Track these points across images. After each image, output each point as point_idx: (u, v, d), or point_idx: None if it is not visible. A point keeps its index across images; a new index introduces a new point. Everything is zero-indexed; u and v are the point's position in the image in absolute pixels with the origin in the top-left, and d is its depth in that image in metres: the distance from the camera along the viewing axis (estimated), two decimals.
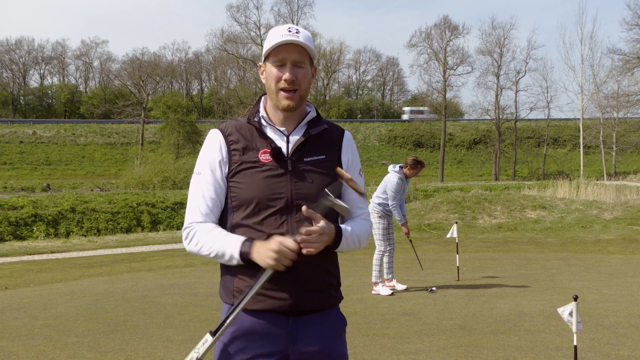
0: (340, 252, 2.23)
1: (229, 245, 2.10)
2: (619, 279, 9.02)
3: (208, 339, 2.06)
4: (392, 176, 8.30)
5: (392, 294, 8.12)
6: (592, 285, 8.50)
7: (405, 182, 8.39)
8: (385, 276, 8.41)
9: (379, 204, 8.31)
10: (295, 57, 2.15)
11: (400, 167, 8.40)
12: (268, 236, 2.10)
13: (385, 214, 8.32)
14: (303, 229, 2.02)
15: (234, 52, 61.15)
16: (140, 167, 41.22)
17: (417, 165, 8.35)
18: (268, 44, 2.16)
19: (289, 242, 2.01)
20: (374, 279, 8.31)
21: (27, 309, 7.51)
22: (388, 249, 8.35)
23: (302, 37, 2.15)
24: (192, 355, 2.07)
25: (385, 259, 8.36)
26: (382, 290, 8.18)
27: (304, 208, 2.04)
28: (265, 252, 2.02)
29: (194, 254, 2.20)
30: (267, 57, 2.19)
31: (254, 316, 2.13)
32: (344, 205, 2.07)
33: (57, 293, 8.80)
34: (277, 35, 2.15)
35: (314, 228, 2.02)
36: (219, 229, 2.16)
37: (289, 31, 2.14)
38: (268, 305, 2.11)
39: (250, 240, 2.08)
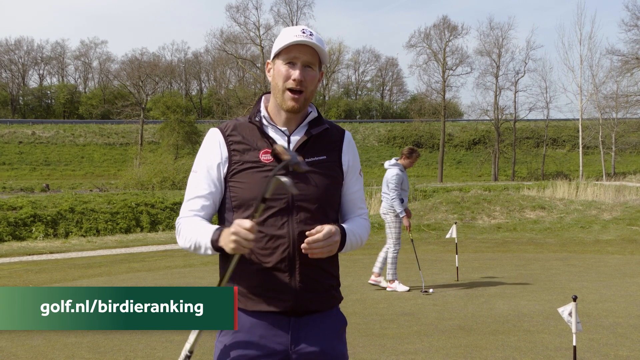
0: (341, 253, 2.24)
1: (204, 235, 2.08)
2: (618, 279, 9.03)
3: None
4: (392, 170, 8.39)
5: (408, 290, 8.30)
6: (591, 285, 8.51)
7: (404, 172, 8.48)
8: (387, 276, 8.45)
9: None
10: (306, 58, 2.15)
11: (396, 160, 8.48)
12: (269, 239, 2.10)
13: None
14: (309, 238, 2.03)
15: (233, 53, 61.14)
16: (139, 167, 41.22)
17: (413, 153, 8.50)
18: (280, 42, 2.15)
19: (245, 222, 1.96)
20: (389, 277, 8.40)
21: None
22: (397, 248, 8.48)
23: (315, 39, 2.15)
24: (186, 346, 2.10)
25: (389, 257, 8.44)
26: (399, 287, 8.35)
27: (304, 245, 2.05)
28: (226, 237, 1.99)
29: (185, 250, 2.21)
30: (277, 55, 2.18)
31: (255, 317, 2.13)
32: (290, 181, 1.95)
33: None
34: (290, 35, 2.14)
35: (317, 236, 2.03)
36: (199, 220, 2.15)
37: (303, 32, 2.14)
38: (269, 307, 2.12)
39: (220, 229, 2.07)
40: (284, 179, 1.94)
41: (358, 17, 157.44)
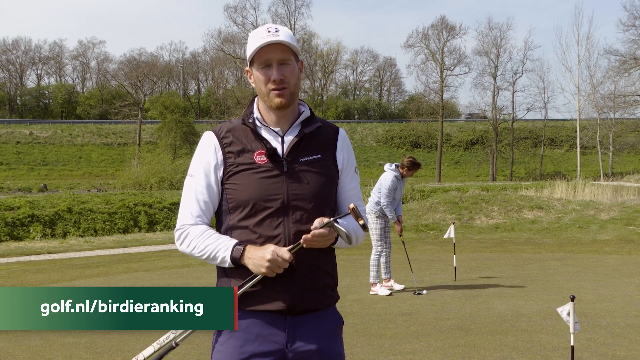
0: (337, 248, 2.24)
1: (221, 248, 2.11)
2: (616, 279, 9.05)
3: None
4: (387, 174, 8.36)
5: (390, 294, 8.15)
6: (588, 285, 8.53)
7: (400, 181, 8.42)
8: (383, 276, 8.43)
9: (377, 203, 8.34)
10: (279, 56, 2.15)
11: (397, 166, 8.45)
12: (264, 240, 2.11)
13: (383, 214, 8.34)
14: (316, 231, 2.05)
15: (231, 53, 61.15)
16: (137, 167, 41.10)
17: (414, 166, 8.40)
18: (250, 48, 2.16)
19: (283, 252, 2.03)
20: (371, 280, 8.33)
21: None
22: (385, 249, 8.38)
23: (282, 35, 2.14)
24: (168, 335, 2.09)
25: (382, 259, 8.39)
26: (380, 290, 8.20)
27: (316, 226, 2.07)
28: (258, 260, 2.04)
29: (186, 254, 2.22)
30: (252, 62, 2.20)
31: (252, 316, 2.14)
32: (347, 231, 2.08)
33: None
34: (257, 38, 2.15)
35: (321, 231, 2.05)
36: (211, 231, 2.17)
37: (269, 31, 2.14)
38: (265, 305, 2.13)
39: (242, 244, 2.09)
40: (341, 228, 2.08)
41: (356, 17, 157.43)
